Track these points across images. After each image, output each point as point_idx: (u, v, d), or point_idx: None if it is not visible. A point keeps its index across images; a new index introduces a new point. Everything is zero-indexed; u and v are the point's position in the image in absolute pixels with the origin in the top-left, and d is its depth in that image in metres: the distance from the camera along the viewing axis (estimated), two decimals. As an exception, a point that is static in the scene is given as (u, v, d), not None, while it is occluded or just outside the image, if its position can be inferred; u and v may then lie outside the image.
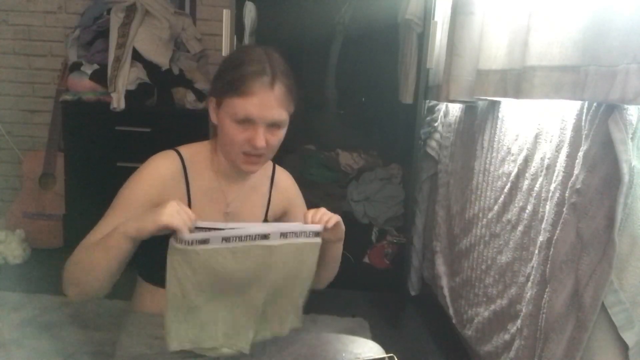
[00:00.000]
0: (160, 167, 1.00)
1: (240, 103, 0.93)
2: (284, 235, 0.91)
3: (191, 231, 0.85)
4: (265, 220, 1.13)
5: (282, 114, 0.96)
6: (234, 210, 1.08)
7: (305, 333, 1.16)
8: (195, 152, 1.06)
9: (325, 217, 0.98)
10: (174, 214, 0.83)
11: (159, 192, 0.98)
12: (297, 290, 1.01)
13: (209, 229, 0.87)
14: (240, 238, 0.87)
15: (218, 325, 0.94)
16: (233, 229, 0.88)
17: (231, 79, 0.94)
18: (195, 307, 0.91)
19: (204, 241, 0.85)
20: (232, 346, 0.96)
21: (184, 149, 1.05)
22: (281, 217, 1.17)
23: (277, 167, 1.19)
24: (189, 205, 1.01)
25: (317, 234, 0.96)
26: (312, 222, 0.97)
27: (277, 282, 0.95)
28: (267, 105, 0.93)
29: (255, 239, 0.89)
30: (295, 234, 0.93)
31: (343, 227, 1.03)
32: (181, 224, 0.82)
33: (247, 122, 0.94)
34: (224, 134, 0.98)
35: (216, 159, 1.06)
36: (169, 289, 0.88)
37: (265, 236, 0.90)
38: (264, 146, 0.95)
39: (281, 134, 1.00)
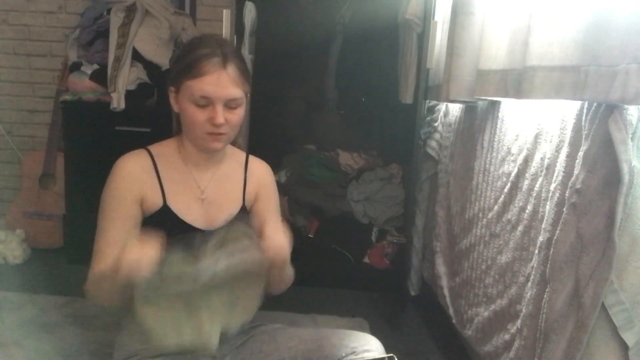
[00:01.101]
0: (129, 164, 1.05)
1: (196, 84, 0.98)
2: (229, 267, 0.93)
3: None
4: (244, 204, 1.16)
5: (237, 92, 1.01)
6: (210, 196, 1.12)
7: (302, 330, 1.16)
8: (163, 147, 1.12)
9: (278, 250, 0.96)
10: (137, 268, 0.85)
11: (137, 186, 1.04)
12: (250, 295, 1.03)
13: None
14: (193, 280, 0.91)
15: (184, 332, 0.97)
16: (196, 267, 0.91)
17: (185, 64, 1.00)
18: (161, 316, 0.95)
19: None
20: (200, 348, 0.99)
21: (152, 146, 1.11)
22: (255, 202, 1.19)
23: (250, 156, 1.23)
24: (163, 196, 1.06)
25: (262, 262, 0.97)
26: (270, 243, 0.96)
27: (230, 293, 0.99)
28: (221, 83, 0.98)
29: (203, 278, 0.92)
30: (242, 264, 0.95)
31: (287, 253, 0.99)
32: (142, 278, 0.86)
33: (205, 101, 0.99)
34: (185, 118, 1.03)
35: (183, 150, 1.11)
36: (137, 303, 0.92)
37: (213, 275, 0.92)
38: (223, 122, 1.00)
39: (240, 112, 1.04)
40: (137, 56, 2.33)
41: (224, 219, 1.12)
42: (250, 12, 2.08)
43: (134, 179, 1.04)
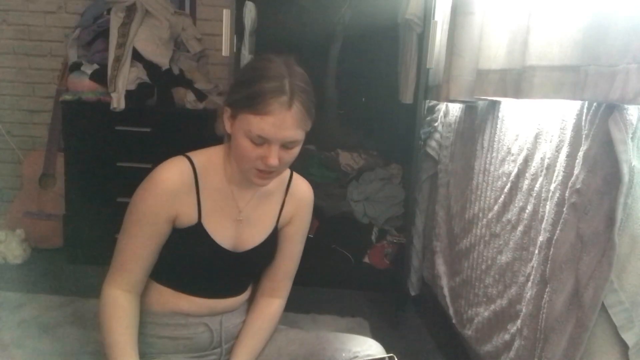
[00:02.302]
0: (169, 179, 0.98)
1: (256, 121, 0.90)
2: None
3: None
4: (276, 227, 1.12)
5: (298, 134, 0.94)
6: (246, 217, 1.07)
7: (303, 332, 1.16)
8: (208, 158, 1.04)
9: None
10: None
11: (174, 205, 0.98)
12: None
13: None
14: None
15: None
16: None
17: (248, 95, 0.91)
18: None
19: None
20: None
21: (196, 156, 1.03)
22: (287, 224, 1.14)
23: (295, 175, 1.15)
24: (199, 214, 1.01)
25: None
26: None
27: None
28: (283, 125, 0.90)
29: None
30: None
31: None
32: None
33: (261, 140, 0.92)
34: (237, 147, 0.95)
35: (229, 166, 1.04)
36: None
37: None
38: (277, 165, 0.93)
39: (295, 151, 0.98)
40: (137, 56, 2.33)
41: (254, 242, 1.08)
42: (250, 12, 2.08)
43: (172, 195, 0.97)
